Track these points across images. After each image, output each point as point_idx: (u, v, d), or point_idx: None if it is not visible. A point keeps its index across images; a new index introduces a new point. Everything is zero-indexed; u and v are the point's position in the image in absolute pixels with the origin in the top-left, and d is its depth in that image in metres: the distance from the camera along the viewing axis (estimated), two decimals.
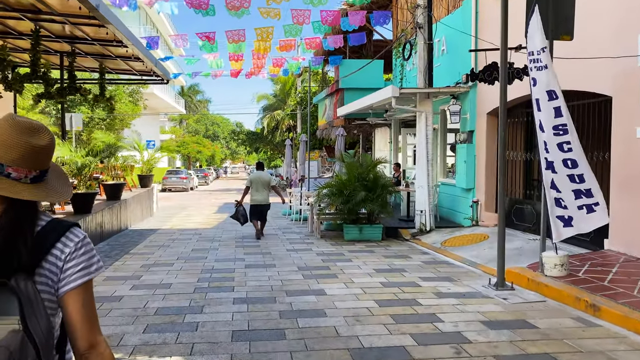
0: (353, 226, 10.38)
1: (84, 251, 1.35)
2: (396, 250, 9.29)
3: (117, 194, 12.03)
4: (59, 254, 1.31)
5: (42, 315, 1.23)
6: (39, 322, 1.21)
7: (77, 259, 1.33)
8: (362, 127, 17.82)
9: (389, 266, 7.74)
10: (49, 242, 1.31)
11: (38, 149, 1.32)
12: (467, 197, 11.33)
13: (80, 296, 1.32)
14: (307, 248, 9.50)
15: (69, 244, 1.33)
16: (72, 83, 12.28)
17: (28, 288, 1.22)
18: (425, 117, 11.03)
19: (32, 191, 1.32)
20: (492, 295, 6.03)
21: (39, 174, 1.34)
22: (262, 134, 37.54)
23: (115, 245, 9.81)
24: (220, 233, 11.76)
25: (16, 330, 1.17)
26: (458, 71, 11.72)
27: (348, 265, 7.81)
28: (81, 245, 1.35)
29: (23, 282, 1.22)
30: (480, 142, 10.93)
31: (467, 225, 11.03)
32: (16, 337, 1.16)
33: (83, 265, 1.34)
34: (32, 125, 1.33)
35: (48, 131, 1.36)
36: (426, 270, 7.44)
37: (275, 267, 7.63)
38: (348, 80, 16.47)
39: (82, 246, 1.35)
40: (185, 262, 8.03)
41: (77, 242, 1.35)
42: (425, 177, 10.97)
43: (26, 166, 1.31)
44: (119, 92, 26.29)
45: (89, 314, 1.34)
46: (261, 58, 13.44)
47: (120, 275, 7.02)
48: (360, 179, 10.52)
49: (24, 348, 1.17)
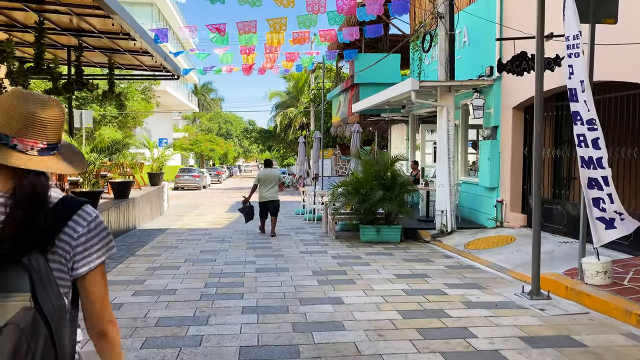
0: (370, 227, 9.83)
1: (97, 232, 1.34)
2: (416, 253, 8.73)
3: (125, 193, 11.63)
4: (71, 232, 1.30)
5: (54, 292, 1.22)
6: (50, 299, 1.20)
7: (90, 241, 1.32)
8: (378, 123, 17.24)
9: (410, 271, 7.19)
10: (62, 220, 1.29)
11: (44, 120, 1.30)
12: (490, 196, 10.71)
13: (97, 277, 1.34)
14: (322, 250, 8.98)
15: (82, 222, 1.32)
16: (79, 78, 11.90)
17: (40, 265, 1.21)
18: (446, 112, 10.43)
19: (38, 162, 1.29)
20: (527, 305, 5.45)
21: (47, 147, 1.31)
22: (275, 132, 37.09)
23: (121, 246, 9.39)
24: (230, 233, 11.30)
25: (28, 308, 1.16)
26: (481, 64, 11.12)
27: (366, 269, 7.27)
28: (94, 225, 1.34)
29: (35, 259, 1.21)
30: (505, 138, 10.30)
31: (491, 226, 10.42)
32: (28, 315, 1.16)
33: (98, 247, 1.33)
34: (38, 97, 1.32)
35: (57, 104, 1.33)
36: (451, 276, 6.87)
37: (288, 272, 7.12)
38: (364, 75, 15.90)
39: (96, 226, 1.34)
40: (193, 265, 7.56)
41: (90, 220, 1.33)
42: (447, 175, 10.38)
43: (32, 137, 1.29)
44: (131, 90, 26.03)
45: (104, 294, 1.36)
46: (274, 52, 12.93)
47: (123, 280, 6.57)
48: (377, 177, 9.97)
49: (36, 325, 1.16)
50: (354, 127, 12.92)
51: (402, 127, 17.29)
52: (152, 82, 28.31)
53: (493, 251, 8.50)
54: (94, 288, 1.34)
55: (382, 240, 9.78)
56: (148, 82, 28.38)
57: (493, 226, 10.39)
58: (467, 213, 11.66)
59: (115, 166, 12.28)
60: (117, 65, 15.37)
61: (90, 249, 1.33)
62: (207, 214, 16.06)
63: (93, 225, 1.34)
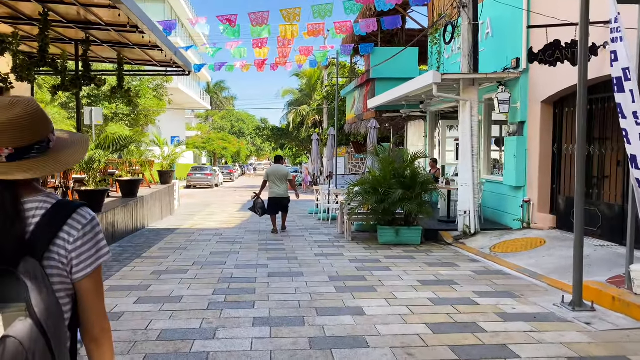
0: (388, 228, 9.30)
1: (92, 235, 1.31)
2: (439, 256, 8.18)
3: (133, 191, 11.23)
4: (66, 236, 1.28)
5: (52, 300, 1.20)
6: (48, 308, 1.17)
7: (86, 244, 1.30)
8: (395, 120, 16.67)
9: (435, 277, 6.64)
10: (56, 226, 1.27)
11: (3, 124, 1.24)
12: (516, 196, 10.11)
13: (93, 282, 1.32)
14: (338, 252, 8.47)
15: (77, 225, 1.29)
16: (87, 72, 11.52)
17: (37, 273, 1.19)
18: (469, 107, 9.85)
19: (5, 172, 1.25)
20: (570, 317, 4.89)
21: (14, 152, 1.25)
22: (288, 129, 36.62)
23: (127, 247, 8.98)
24: (242, 234, 10.84)
25: (24, 318, 1.14)
26: (506, 56, 10.52)
27: (387, 275, 6.75)
28: (90, 228, 1.31)
29: (31, 267, 1.19)
30: (532, 134, 9.69)
31: (517, 227, 9.82)
32: (25, 325, 1.13)
33: (92, 252, 1.31)
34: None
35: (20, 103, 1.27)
36: (480, 283, 6.32)
37: (303, 277, 6.62)
38: (380, 69, 15.35)
39: (91, 229, 1.31)
40: (202, 269, 7.10)
41: (85, 224, 1.31)
42: (470, 173, 9.81)
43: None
44: (143, 87, 25.73)
45: (100, 299, 1.35)
46: (287, 46, 12.44)
47: (126, 285, 6.12)
48: (396, 176, 9.43)
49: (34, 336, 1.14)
50: (371, 123, 12.39)
51: (419, 123, 16.70)
52: (164, 79, 28.01)
53: (522, 255, 7.92)
54: (89, 294, 1.32)
55: (401, 242, 9.24)
56: (160, 80, 28.11)
57: (519, 227, 9.80)
58: (491, 213, 11.07)
59: (124, 164, 11.87)
60: (127, 60, 14.99)
61: (87, 254, 1.30)
62: (218, 213, 15.64)
63: (89, 228, 1.31)
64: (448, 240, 9.61)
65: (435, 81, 9.52)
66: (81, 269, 1.29)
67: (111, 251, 6.91)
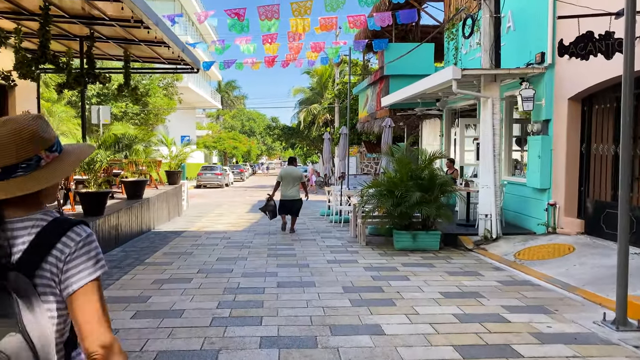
0: (405, 232, 8.78)
1: (85, 250, 1.30)
2: (461, 264, 7.65)
3: (139, 192, 10.82)
4: (58, 254, 1.28)
5: (42, 317, 1.21)
6: (38, 324, 1.19)
7: (77, 259, 1.29)
8: (409, 118, 16.12)
9: (458, 288, 6.13)
10: (49, 243, 1.27)
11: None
12: (540, 198, 9.54)
13: (85, 297, 1.28)
14: (352, 259, 7.98)
15: (70, 243, 1.29)
16: (91, 69, 11.14)
17: (27, 289, 1.20)
18: (491, 104, 9.30)
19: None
20: (615, 339, 4.35)
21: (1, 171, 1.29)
22: (298, 128, 36.16)
23: (130, 251, 8.56)
24: (251, 237, 10.38)
25: (14, 333, 1.15)
26: (529, 50, 9.94)
27: (406, 285, 6.24)
28: (83, 244, 1.31)
29: (22, 283, 1.20)
30: (559, 133, 9.12)
31: (541, 232, 9.26)
32: (13, 340, 1.15)
33: (83, 266, 1.29)
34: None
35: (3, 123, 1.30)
36: (508, 295, 5.79)
37: (315, 287, 6.14)
38: (394, 66, 14.81)
39: (84, 245, 1.31)
40: (207, 277, 6.65)
41: (79, 241, 1.30)
42: (492, 175, 9.26)
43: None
44: (153, 86, 25.43)
45: (96, 315, 1.28)
46: (297, 40, 11.96)
47: (125, 296, 5.68)
48: (413, 177, 8.91)
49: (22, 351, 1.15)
50: (385, 122, 11.87)
51: (435, 122, 16.14)
52: (174, 78, 27.70)
53: (550, 263, 7.36)
54: (81, 309, 1.27)
55: (419, 247, 8.72)
56: (170, 78, 27.79)
57: (543, 232, 9.23)
58: (512, 217, 10.50)
59: (130, 164, 11.46)
60: (134, 57, 14.64)
61: (77, 268, 1.28)
62: (227, 214, 15.22)
63: (81, 244, 1.30)
64: (468, 245, 9.08)
65: (455, 77, 8.99)
66: (70, 283, 1.27)
67: (113, 256, 6.46)
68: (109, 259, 7.83)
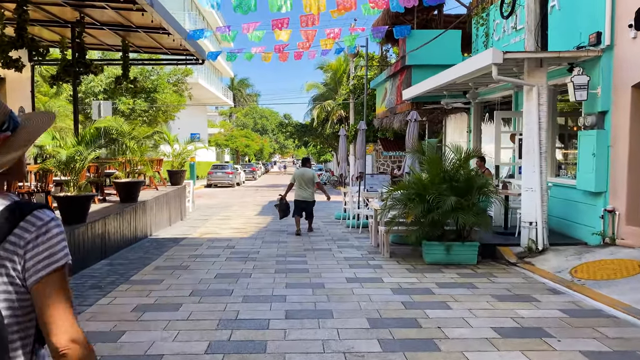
0: (437, 244, 7.48)
1: (49, 236, 1.21)
2: (507, 283, 6.34)
3: (133, 195, 9.66)
4: (16, 240, 1.19)
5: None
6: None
7: (39, 247, 1.19)
8: (432, 113, 14.77)
9: (514, 321, 4.83)
10: (5, 228, 1.19)
11: None
12: (594, 203, 8.17)
13: (48, 288, 1.19)
14: (375, 276, 6.71)
15: (30, 228, 1.20)
16: (81, 58, 10.02)
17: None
18: (536, 94, 7.96)
19: None
20: None
21: None
22: (312, 126, 34.89)
23: (117, 265, 7.39)
24: (258, 246, 9.17)
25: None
26: (579, 32, 8.57)
27: (447, 317, 4.95)
28: (45, 229, 1.21)
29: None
30: (619, 127, 7.74)
31: (595, 243, 7.90)
32: None
33: (46, 254, 1.20)
34: None
35: None
36: (582, 333, 4.48)
37: (333, 319, 4.89)
38: (417, 55, 13.47)
39: (47, 231, 1.21)
40: (200, 303, 5.43)
41: (40, 225, 1.21)
42: (537, 176, 7.92)
43: None
44: (161, 82, 24.38)
45: (61, 307, 1.19)
46: (312, 24, 10.71)
47: (92, 331, 4.47)
48: (447, 179, 7.61)
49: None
50: (410, 115, 10.58)
51: (461, 117, 14.78)
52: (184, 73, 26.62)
53: (619, 285, 6.02)
54: (45, 301, 1.18)
55: (453, 261, 7.43)
56: (180, 74, 26.73)
57: (598, 243, 7.87)
58: (556, 223, 9.13)
59: (125, 163, 10.31)
60: (134, 47, 13.52)
61: (39, 256, 1.19)
62: (234, 217, 14.04)
63: (44, 229, 1.21)
64: (510, 258, 7.76)
65: (496, 61, 7.65)
66: (32, 273, 1.18)
67: (96, 271, 5.19)
68: (89, 275, 6.67)
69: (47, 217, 1.22)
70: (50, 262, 1.19)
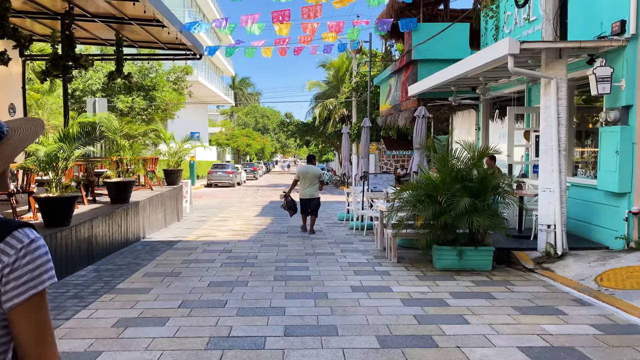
0: (449, 248, 6.93)
1: (28, 260, 1.12)
2: (527, 293, 5.78)
3: (124, 195, 9.13)
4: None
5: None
6: None
7: (20, 269, 1.10)
8: (439, 110, 14.21)
9: (541, 338, 4.27)
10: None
11: None
12: (617, 205, 7.61)
13: (28, 313, 1.11)
14: (383, 285, 6.16)
15: (9, 251, 1.11)
16: (70, 51, 9.48)
17: None
18: (555, 87, 7.40)
19: None
20: None
21: None
22: (313, 124, 34.33)
23: (104, 271, 6.86)
24: (256, 249, 8.63)
25: None
26: (599, 21, 8.03)
27: (466, 333, 4.40)
28: (25, 252, 1.12)
29: None
30: None
31: (619, 248, 7.35)
32: None
33: (27, 278, 1.11)
34: None
35: None
36: (621, 354, 3.93)
37: (337, 336, 4.34)
38: (423, 50, 12.91)
39: (27, 253, 1.12)
40: (189, 316, 4.89)
41: (20, 248, 1.11)
42: (556, 175, 7.37)
43: None
44: (160, 80, 23.85)
45: (39, 332, 1.12)
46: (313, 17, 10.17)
47: (64, 352, 3.93)
48: (460, 179, 7.06)
49: None
50: (419, 111, 10.01)
51: (469, 113, 14.22)
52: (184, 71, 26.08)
53: None
54: (24, 327, 1.10)
55: (466, 267, 6.88)
56: (180, 71, 26.20)
57: (622, 248, 7.32)
58: (574, 226, 8.58)
59: (117, 162, 9.78)
60: (128, 42, 12.99)
61: (17, 281, 1.10)
62: (233, 218, 13.50)
63: (23, 252, 1.11)
64: (527, 264, 7.20)
65: (512, 52, 7.09)
66: (11, 297, 1.09)
67: (80, 278, 4.45)
68: (72, 284, 6.14)
69: (26, 240, 1.13)
70: (27, 288, 1.11)
